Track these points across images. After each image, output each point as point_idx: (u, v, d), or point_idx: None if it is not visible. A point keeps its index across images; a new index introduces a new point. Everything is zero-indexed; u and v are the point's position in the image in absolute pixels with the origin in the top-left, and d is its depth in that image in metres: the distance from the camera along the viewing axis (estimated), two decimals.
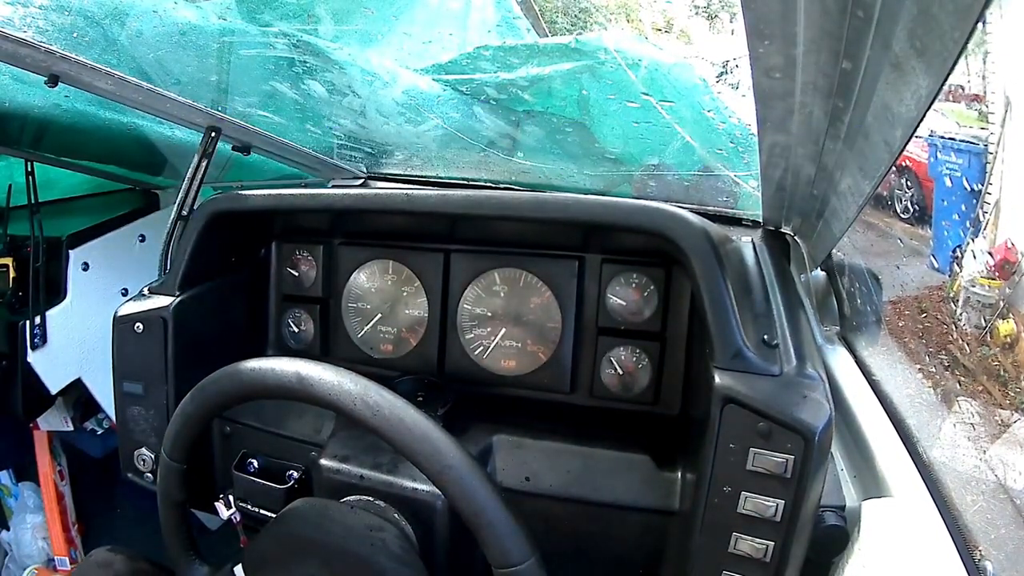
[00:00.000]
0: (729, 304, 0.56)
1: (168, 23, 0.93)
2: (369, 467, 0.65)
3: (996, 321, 0.63)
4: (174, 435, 0.58)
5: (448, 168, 1.21)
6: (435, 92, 1.09)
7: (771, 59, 0.39)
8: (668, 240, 0.60)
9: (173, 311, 0.76)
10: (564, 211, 0.66)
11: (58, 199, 1.51)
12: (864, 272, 0.78)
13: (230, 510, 0.70)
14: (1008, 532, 0.51)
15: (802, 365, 0.54)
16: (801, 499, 0.49)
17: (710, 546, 0.52)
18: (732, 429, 0.51)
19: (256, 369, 0.53)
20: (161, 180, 1.52)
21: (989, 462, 0.58)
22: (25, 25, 0.80)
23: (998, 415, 0.61)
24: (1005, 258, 0.62)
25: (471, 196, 0.70)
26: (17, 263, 1.32)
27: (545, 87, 1.03)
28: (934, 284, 0.74)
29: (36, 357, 1.32)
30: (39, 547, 1.49)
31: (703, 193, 1.00)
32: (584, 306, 0.76)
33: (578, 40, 0.97)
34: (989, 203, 0.64)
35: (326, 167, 1.23)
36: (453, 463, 0.46)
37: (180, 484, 0.60)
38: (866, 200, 0.53)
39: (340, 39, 1.02)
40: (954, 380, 0.67)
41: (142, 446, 0.79)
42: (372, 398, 0.49)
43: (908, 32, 0.31)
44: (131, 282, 1.46)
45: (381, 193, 0.76)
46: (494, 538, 0.45)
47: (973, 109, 0.64)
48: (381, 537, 0.56)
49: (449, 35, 1.08)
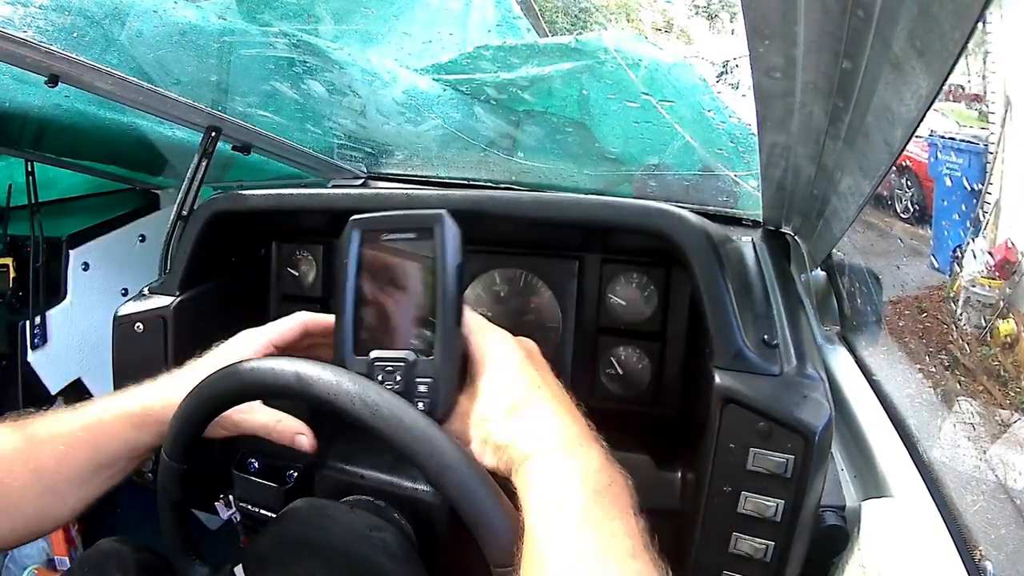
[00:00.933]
0: (729, 304, 0.56)
1: (168, 23, 0.93)
2: (369, 467, 0.65)
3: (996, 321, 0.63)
4: (174, 435, 0.58)
5: (448, 168, 1.21)
6: (435, 92, 1.09)
7: (771, 59, 0.39)
8: (668, 240, 0.60)
9: (173, 311, 0.76)
10: (564, 211, 0.66)
11: (58, 199, 1.52)
12: (864, 272, 0.78)
13: (230, 510, 0.70)
14: (1008, 532, 0.51)
15: (802, 365, 0.54)
16: (801, 499, 0.49)
17: (710, 546, 0.52)
18: (732, 429, 0.51)
19: (256, 369, 0.53)
20: (161, 180, 1.52)
21: (989, 462, 0.58)
22: (25, 25, 0.80)
23: (998, 415, 0.61)
24: (1005, 258, 0.62)
25: (471, 196, 0.69)
26: (17, 263, 1.32)
27: (545, 87, 1.03)
28: (934, 284, 0.74)
29: (36, 357, 1.32)
30: (39, 547, 1.48)
31: (703, 193, 1.00)
32: (584, 306, 0.76)
33: (578, 40, 0.97)
34: (989, 203, 0.64)
35: (326, 167, 1.23)
36: (452, 462, 0.46)
37: (180, 485, 0.60)
38: (866, 200, 0.53)
39: (340, 39, 1.02)
40: (954, 380, 0.67)
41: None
42: (371, 397, 0.48)
43: (908, 32, 0.31)
44: (131, 282, 1.46)
45: (381, 193, 0.76)
46: (493, 537, 0.45)
47: (973, 109, 0.64)
48: (381, 537, 0.56)
49: (449, 35, 1.08)
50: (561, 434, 0.46)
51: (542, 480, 0.44)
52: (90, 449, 0.58)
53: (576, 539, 0.40)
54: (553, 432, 0.47)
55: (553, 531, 0.41)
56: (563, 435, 0.46)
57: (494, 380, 0.51)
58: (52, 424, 0.59)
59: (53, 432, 0.58)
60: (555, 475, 0.44)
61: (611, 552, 0.39)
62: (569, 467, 0.44)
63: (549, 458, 0.45)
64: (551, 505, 0.42)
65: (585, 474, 0.43)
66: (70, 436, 0.58)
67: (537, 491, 0.44)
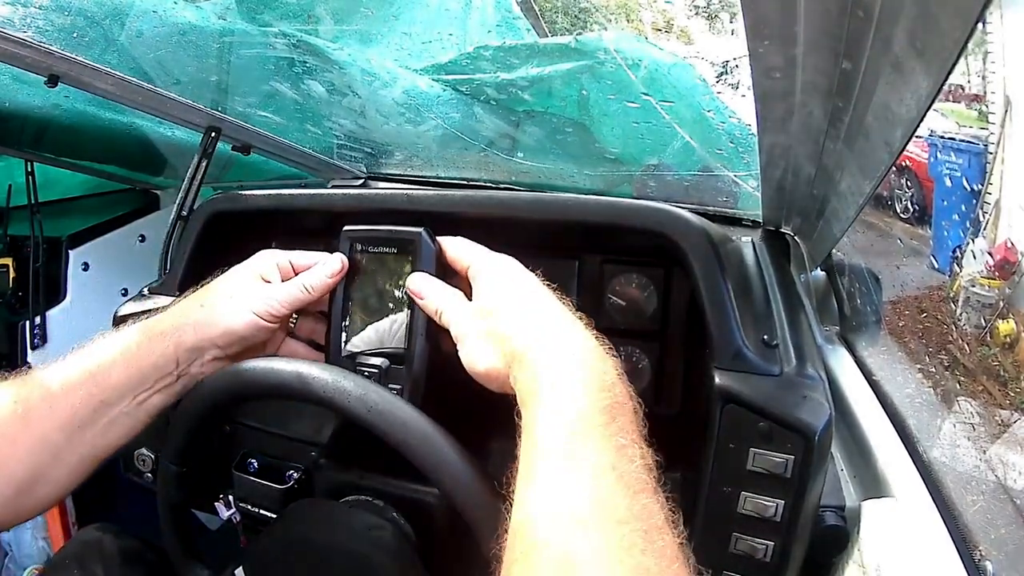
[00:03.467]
0: (729, 304, 0.56)
1: (168, 23, 0.93)
2: (369, 467, 0.65)
3: (996, 321, 0.63)
4: (174, 437, 0.58)
5: (448, 168, 1.21)
6: (435, 92, 1.09)
7: (771, 59, 0.39)
8: (668, 240, 0.60)
9: None
10: (564, 211, 0.66)
11: (58, 199, 1.51)
12: (864, 272, 0.78)
13: (230, 510, 0.70)
14: (1008, 532, 0.51)
15: (802, 365, 0.54)
16: (801, 499, 0.49)
17: (710, 546, 0.52)
18: (732, 429, 0.51)
19: (255, 369, 0.53)
20: (161, 180, 1.52)
21: (989, 462, 0.58)
22: (25, 25, 0.80)
23: (998, 415, 0.61)
24: (1005, 258, 0.62)
25: (471, 196, 0.69)
26: (17, 263, 1.32)
27: (545, 87, 1.03)
28: (934, 284, 0.74)
29: (36, 357, 1.32)
30: (39, 547, 1.48)
31: (703, 193, 1.00)
32: (584, 306, 0.75)
33: (578, 40, 0.97)
34: (989, 203, 0.64)
35: (326, 167, 1.23)
36: (450, 459, 0.46)
37: (180, 487, 0.60)
38: (866, 200, 0.53)
39: (340, 39, 1.02)
40: (954, 380, 0.67)
41: (142, 446, 0.79)
42: (371, 397, 0.49)
43: (908, 32, 0.31)
44: (131, 282, 1.46)
45: (381, 193, 0.76)
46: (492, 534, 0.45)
47: (973, 109, 0.64)
48: (380, 536, 0.56)
49: (449, 35, 1.08)
50: (572, 333, 0.42)
51: (546, 372, 0.39)
52: (87, 384, 0.50)
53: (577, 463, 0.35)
54: (563, 328, 0.43)
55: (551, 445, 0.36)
56: (574, 336, 0.42)
57: (497, 281, 0.49)
58: (51, 365, 0.52)
59: (48, 371, 0.51)
60: (562, 372, 0.39)
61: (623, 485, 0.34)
62: (578, 369, 0.39)
63: (557, 351, 0.40)
64: (554, 408, 0.37)
65: (596, 382, 0.38)
66: (66, 370, 0.51)
67: (541, 383, 0.39)
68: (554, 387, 0.39)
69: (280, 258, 0.60)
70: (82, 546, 0.66)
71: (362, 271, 0.60)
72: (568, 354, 0.41)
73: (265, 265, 0.60)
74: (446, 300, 0.52)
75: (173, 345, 0.53)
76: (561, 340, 0.42)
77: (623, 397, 0.40)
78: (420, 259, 0.56)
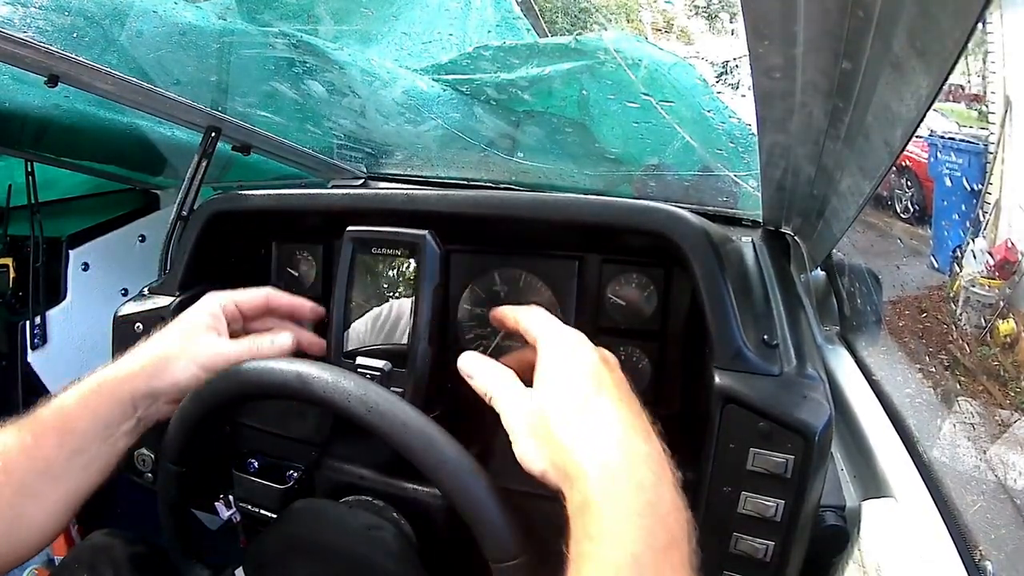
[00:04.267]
0: (729, 304, 0.56)
1: (168, 23, 0.93)
2: (369, 467, 0.65)
3: (996, 321, 0.63)
4: (174, 437, 0.58)
5: (448, 168, 1.21)
6: (435, 92, 1.09)
7: (771, 59, 0.39)
8: (668, 240, 0.60)
9: (173, 311, 0.76)
10: (564, 211, 0.66)
11: (58, 199, 1.52)
12: (864, 272, 0.78)
13: (230, 510, 0.70)
14: (1008, 532, 0.51)
15: (802, 365, 0.54)
16: (801, 499, 0.49)
17: (710, 546, 0.52)
18: (732, 429, 0.51)
19: (255, 369, 0.53)
20: (161, 180, 1.52)
21: (989, 462, 0.58)
22: (25, 25, 0.80)
23: (998, 415, 0.61)
24: (1005, 258, 0.62)
25: (471, 196, 0.69)
26: (17, 263, 1.33)
27: (545, 87, 1.03)
28: (934, 284, 0.74)
29: (36, 357, 1.32)
30: None
31: (703, 193, 1.00)
32: (584, 306, 0.76)
33: (578, 40, 0.97)
34: (989, 203, 0.64)
35: (326, 167, 1.23)
36: (449, 459, 0.46)
37: (180, 487, 0.60)
38: (866, 200, 0.53)
39: (340, 39, 1.02)
40: (954, 380, 0.67)
41: (142, 446, 0.79)
42: (370, 396, 0.49)
43: (908, 32, 0.31)
44: (131, 282, 1.46)
45: (381, 193, 0.76)
46: (491, 533, 0.45)
47: (973, 109, 0.64)
48: (380, 536, 0.56)
49: (449, 35, 1.08)
50: (630, 453, 0.41)
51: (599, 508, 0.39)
52: (57, 434, 0.54)
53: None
54: (621, 448, 0.41)
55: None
56: (632, 455, 0.41)
57: (560, 372, 0.46)
58: (20, 421, 0.55)
59: (18, 425, 0.54)
60: (618, 506, 0.38)
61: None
62: (635, 499, 0.39)
63: (613, 480, 0.39)
64: (603, 557, 0.37)
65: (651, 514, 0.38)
66: (35, 424, 0.54)
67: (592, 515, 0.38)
68: (607, 528, 0.38)
69: (226, 301, 0.64)
70: (92, 550, 0.66)
71: (365, 272, 0.60)
72: (623, 481, 0.40)
73: (212, 314, 0.63)
74: (498, 386, 0.49)
75: (129, 394, 0.58)
76: (618, 465, 0.40)
77: (678, 529, 0.39)
78: (425, 262, 0.56)
